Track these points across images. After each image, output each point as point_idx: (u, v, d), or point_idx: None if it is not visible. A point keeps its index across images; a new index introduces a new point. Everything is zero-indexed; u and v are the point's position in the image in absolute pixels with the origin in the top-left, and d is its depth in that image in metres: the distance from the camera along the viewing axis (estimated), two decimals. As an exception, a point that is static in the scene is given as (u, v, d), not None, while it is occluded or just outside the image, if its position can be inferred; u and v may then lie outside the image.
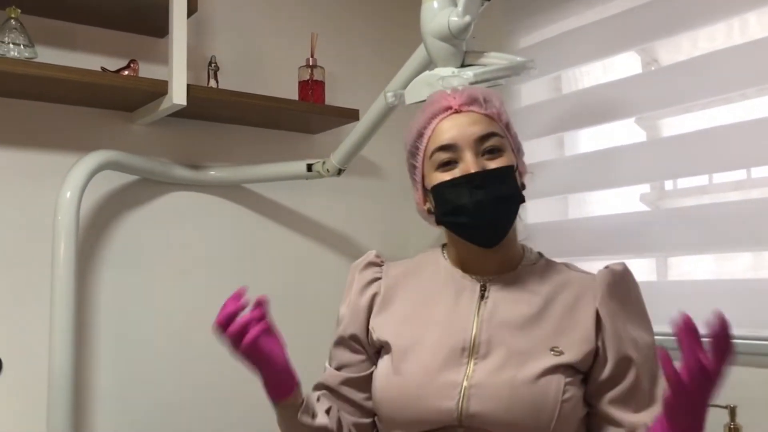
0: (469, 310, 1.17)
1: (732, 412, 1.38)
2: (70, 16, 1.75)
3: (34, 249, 1.70)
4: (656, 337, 1.62)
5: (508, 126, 1.19)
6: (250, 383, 1.95)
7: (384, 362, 1.20)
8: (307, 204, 2.13)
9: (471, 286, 1.19)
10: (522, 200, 1.17)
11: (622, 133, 1.87)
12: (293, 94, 2.00)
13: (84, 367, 1.76)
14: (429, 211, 1.22)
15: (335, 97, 2.12)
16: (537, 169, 1.96)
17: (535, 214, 2.03)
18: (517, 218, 1.18)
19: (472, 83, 1.24)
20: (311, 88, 1.98)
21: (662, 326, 1.64)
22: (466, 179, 1.13)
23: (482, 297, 1.18)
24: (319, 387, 1.27)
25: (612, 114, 1.82)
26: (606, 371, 1.12)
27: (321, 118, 2.00)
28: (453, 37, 1.29)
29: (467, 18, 1.28)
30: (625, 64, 1.89)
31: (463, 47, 1.33)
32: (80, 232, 1.71)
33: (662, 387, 1.11)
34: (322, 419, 1.18)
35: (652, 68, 1.85)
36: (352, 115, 1.97)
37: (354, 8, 2.26)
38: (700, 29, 1.70)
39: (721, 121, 1.64)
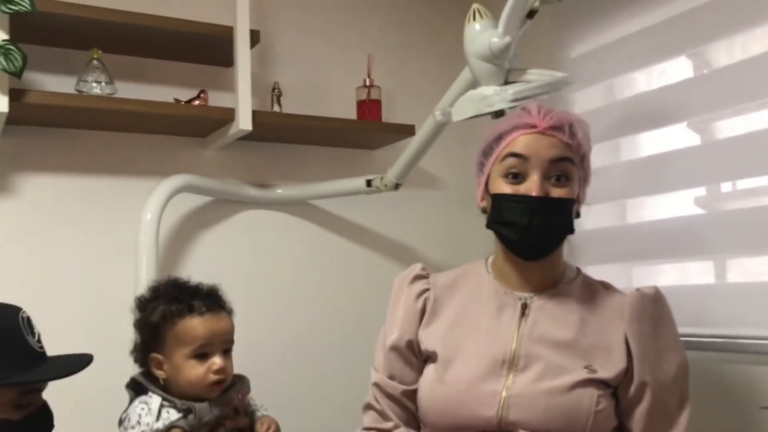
0: (510, 326, 1.23)
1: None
2: (144, 52, 1.91)
3: (119, 267, 1.85)
4: (713, 339, 1.66)
5: (583, 158, 1.25)
6: (317, 389, 2.06)
7: (429, 371, 1.26)
8: (371, 217, 2.23)
9: (513, 302, 1.25)
10: (571, 231, 1.22)
11: (678, 136, 1.88)
12: (352, 113, 2.10)
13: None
14: (484, 210, 1.28)
15: (394, 112, 2.21)
16: (593, 175, 2.02)
17: (593, 220, 2.05)
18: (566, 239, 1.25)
19: (511, 101, 1.29)
20: (368, 107, 2.07)
21: (720, 329, 1.67)
22: (527, 200, 1.18)
23: (523, 314, 1.23)
24: (386, 395, 1.29)
25: (666, 118, 1.83)
26: (629, 392, 1.18)
27: (379, 135, 2.09)
28: (494, 57, 1.35)
29: (507, 39, 1.33)
30: (677, 69, 1.90)
31: (505, 65, 1.39)
32: (160, 250, 1.86)
33: (689, 411, 1.17)
34: None
35: (705, 72, 1.86)
36: (408, 131, 2.05)
37: (409, 28, 2.35)
38: (751, 31, 1.70)
39: (776, 123, 1.63)
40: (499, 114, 1.31)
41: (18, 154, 1.79)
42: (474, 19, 1.39)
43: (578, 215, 1.27)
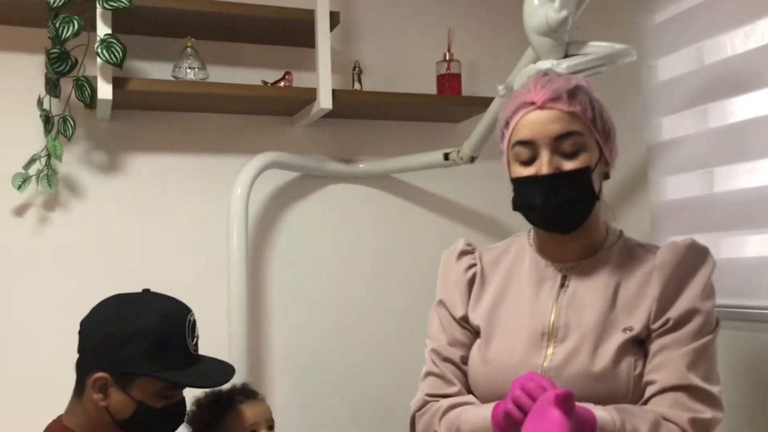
0: (549, 298, 1.24)
1: None
2: (233, 37, 2.04)
3: (212, 238, 2.02)
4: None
5: (594, 119, 1.19)
6: (396, 349, 2.16)
7: (474, 349, 1.29)
8: (452, 189, 2.29)
9: (553, 275, 1.26)
10: (596, 199, 1.20)
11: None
12: (432, 88, 2.15)
13: (258, 340, 2.06)
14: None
15: (476, 85, 2.24)
16: (678, 144, 1.97)
17: (678, 189, 2.01)
18: (600, 203, 1.23)
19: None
20: (448, 81, 2.11)
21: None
22: (538, 180, 1.18)
23: (562, 286, 1.25)
24: (445, 360, 1.32)
25: (756, 82, 1.76)
26: (650, 333, 1.18)
27: (459, 109, 2.13)
28: (552, 31, 1.37)
29: (564, 13, 1.34)
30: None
31: (564, 39, 1.40)
32: (251, 222, 2.00)
33: (705, 354, 1.15)
34: None
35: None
36: (486, 104, 2.07)
37: (488, 1, 2.35)
38: None
39: None
40: None
41: (125, 136, 1.98)
42: (532, -7, 1.40)
43: (608, 176, 1.24)
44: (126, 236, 1.96)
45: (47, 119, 1.82)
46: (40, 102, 1.82)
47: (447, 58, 2.13)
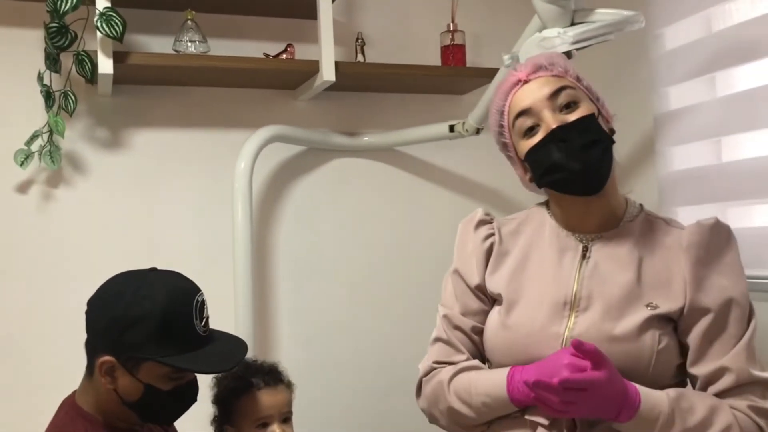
0: (571, 268, 1.24)
1: None
2: (234, 9, 2.01)
3: (216, 213, 2.01)
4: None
5: (578, 79, 1.23)
6: (402, 322, 2.16)
7: (494, 314, 1.29)
8: (457, 161, 2.27)
9: (574, 245, 1.26)
10: (612, 142, 1.21)
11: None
12: (436, 60, 2.12)
13: (264, 314, 2.06)
14: (531, 180, 1.28)
15: (481, 56, 2.21)
16: (685, 114, 1.95)
17: (684, 160, 1.99)
18: (615, 166, 1.22)
19: (572, 43, 1.29)
20: (452, 52, 2.09)
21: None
22: (550, 136, 1.18)
23: (584, 256, 1.24)
24: (456, 328, 1.32)
25: (764, 50, 1.74)
26: (684, 318, 1.18)
27: (463, 80, 2.11)
28: (558, -2, 1.35)
29: (570, -21, 1.32)
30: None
31: (571, 6, 1.38)
32: (255, 197, 1.99)
33: (753, 343, 1.15)
34: None
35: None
36: (491, 75, 2.04)
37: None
38: None
39: None
40: None
41: (127, 111, 1.96)
42: (538, -40, 1.38)
43: (613, 131, 1.24)
44: (130, 212, 1.95)
45: (48, 95, 1.80)
46: (40, 77, 1.80)
47: (451, 29, 2.11)
